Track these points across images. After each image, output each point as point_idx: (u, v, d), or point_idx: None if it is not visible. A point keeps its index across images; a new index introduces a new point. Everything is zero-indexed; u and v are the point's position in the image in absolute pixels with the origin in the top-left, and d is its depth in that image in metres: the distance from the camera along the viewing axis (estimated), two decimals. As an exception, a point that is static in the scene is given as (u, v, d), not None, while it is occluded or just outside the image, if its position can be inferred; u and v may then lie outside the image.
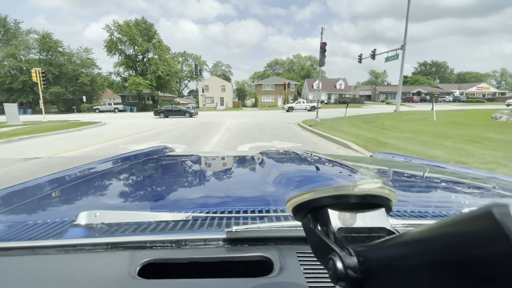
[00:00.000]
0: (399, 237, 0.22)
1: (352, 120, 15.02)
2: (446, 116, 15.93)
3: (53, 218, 0.62)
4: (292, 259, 0.45)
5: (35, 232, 0.55)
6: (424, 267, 0.18)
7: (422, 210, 0.67)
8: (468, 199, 0.81)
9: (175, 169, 1.20)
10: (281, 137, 8.65)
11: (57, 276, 0.41)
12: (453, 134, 7.60)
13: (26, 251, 0.46)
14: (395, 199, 0.30)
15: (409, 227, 0.51)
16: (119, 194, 0.83)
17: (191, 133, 10.38)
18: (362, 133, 8.44)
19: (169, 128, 13.33)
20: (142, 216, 0.59)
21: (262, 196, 0.78)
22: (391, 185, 0.84)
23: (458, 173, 1.16)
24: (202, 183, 0.96)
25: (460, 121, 12.30)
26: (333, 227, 0.29)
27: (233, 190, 0.87)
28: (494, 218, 0.14)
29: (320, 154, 1.41)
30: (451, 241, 0.17)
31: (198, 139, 8.52)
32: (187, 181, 1.00)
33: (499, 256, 0.14)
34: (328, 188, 0.29)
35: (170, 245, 0.48)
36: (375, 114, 20.31)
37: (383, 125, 11.05)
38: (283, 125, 13.37)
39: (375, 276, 0.22)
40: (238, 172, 1.14)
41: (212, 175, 1.09)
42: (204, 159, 1.39)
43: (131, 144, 7.64)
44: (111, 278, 0.41)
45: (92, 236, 0.51)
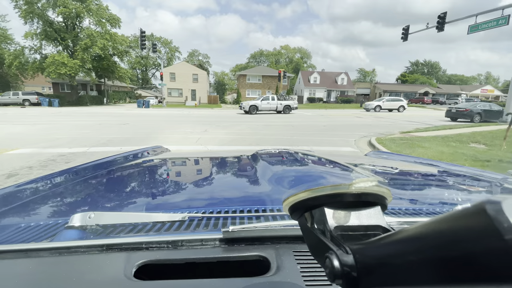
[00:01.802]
0: (395, 234, 0.22)
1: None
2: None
3: (46, 220, 0.61)
4: (289, 258, 0.45)
5: (28, 234, 0.54)
6: (419, 263, 0.18)
7: (416, 208, 0.69)
8: (461, 196, 0.83)
9: (171, 170, 1.17)
10: None
11: (52, 279, 0.40)
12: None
13: (19, 254, 0.45)
14: (390, 197, 0.30)
15: (404, 224, 0.51)
16: (114, 195, 0.82)
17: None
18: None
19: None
20: (137, 217, 0.58)
21: (258, 196, 0.77)
22: (386, 184, 0.84)
23: (451, 171, 1.17)
24: (198, 183, 0.95)
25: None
26: (330, 226, 0.29)
27: (229, 190, 0.86)
28: (487, 214, 0.15)
29: (316, 154, 1.41)
30: (445, 238, 0.17)
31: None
32: (183, 181, 0.99)
33: (492, 251, 0.14)
34: (325, 187, 0.29)
35: (167, 246, 0.47)
36: (473, 131, 10.11)
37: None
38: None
39: (372, 274, 0.22)
40: (234, 172, 1.12)
41: (208, 175, 1.08)
42: (200, 160, 1.37)
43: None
44: (106, 280, 0.40)
45: (87, 238, 0.50)
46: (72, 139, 7.01)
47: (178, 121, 12.72)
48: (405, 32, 16.88)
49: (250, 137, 7.91)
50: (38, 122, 10.92)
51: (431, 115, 19.87)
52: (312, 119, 15.03)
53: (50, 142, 6.57)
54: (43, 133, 7.98)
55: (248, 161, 1.20)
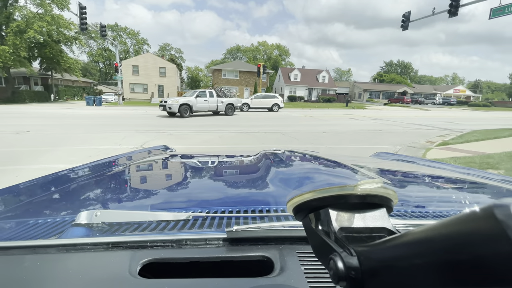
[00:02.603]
0: (400, 237, 0.22)
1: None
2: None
3: (54, 217, 0.62)
4: (292, 259, 0.45)
5: (36, 231, 0.55)
6: (425, 267, 0.18)
7: (423, 210, 0.68)
8: (469, 199, 0.81)
9: (176, 169, 1.19)
10: None
11: (58, 275, 0.41)
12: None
13: (27, 250, 0.46)
14: (396, 199, 0.30)
15: (410, 227, 0.51)
16: (120, 193, 0.83)
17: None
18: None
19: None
20: (142, 216, 0.58)
21: (262, 196, 0.77)
22: (392, 185, 0.83)
23: (458, 173, 1.16)
24: (202, 183, 0.96)
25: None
26: (334, 227, 0.29)
27: (234, 190, 0.86)
28: (495, 218, 0.14)
29: (321, 154, 1.40)
30: (452, 241, 0.16)
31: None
32: (188, 181, 1.00)
33: (501, 256, 0.14)
34: (329, 188, 0.28)
35: (171, 245, 0.47)
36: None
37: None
38: None
39: (376, 276, 0.22)
40: (238, 172, 1.12)
41: (213, 175, 1.09)
42: (205, 159, 1.37)
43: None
44: (112, 278, 0.40)
45: (93, 236, 0.51)
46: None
47: (109, 126, 8.94)
48: (405, 19, 14.42)
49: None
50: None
51: (427, 116, 17.77)
52: (303, 122, 11.93)
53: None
54: None
55: (252, 161, 1.19)
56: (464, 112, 25.18)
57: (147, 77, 33.21)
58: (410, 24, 14.37)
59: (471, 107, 36.21)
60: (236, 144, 6.37)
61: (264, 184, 0.86)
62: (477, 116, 19.62)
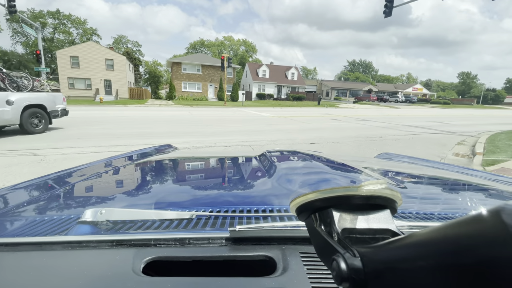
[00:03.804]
0: (405, 238, 0.22)
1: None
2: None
3: (60, 215, 0.63)
4: (295, 259, 0.45)
5: (42, 228, 0.56)
6: (430, 269, 0.18)
7: (427, 212, 0.67)
8: (474, 201, 0.80)
9: (180, 168, 1.19)
10: None
11: (63, 271, 0.42)
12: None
13: (33, 247, 0.47)
14: (400, 200, 0.29)
15: (415, 229, 0.51)
16: (124, 192, 0.84)
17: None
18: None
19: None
20: (146, 214, 0.59)
21: (265, 196, 0.77)
22: (396, 186, 0.83)
23: (464, 175, 1.14)
24: (206, 182, 0.95)
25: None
26: (337, 228, 0.28)
27: (237, 190, 0.86)
28: (502, 221, 0.14)
29: (324, 154, 1.39)
30: (457, 244, 0.16)
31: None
32: (191, 180, 0.99)
33: (507, 259, 0.13)
34: (333, 189, 0.28)
35: (174, 243, 0.48)
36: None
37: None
38: None
39: (379, 278, 0.22)
40: (242, 172, 1.12)
41: (216, 174, 1.09)
42: (208, 159, 1.36)
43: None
44: (115, 275, 0.41)
45: (98, 233, 0.52)
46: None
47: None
48: (388, 4, 12.61)
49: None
50: None
51: (405, 115, 16.47)
52: (278, 126, 9.29)
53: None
54: None
55: (256, 161, 1.19)
56: (434, 109, 24.97)
57: (90, 71, 27.88)
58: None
59: (433, 105, 37.22)
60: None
61: (267, 184, 0.86)
62: (451, 113, 19.02)
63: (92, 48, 28.29)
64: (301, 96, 36.23)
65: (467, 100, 54.99)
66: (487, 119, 15.59)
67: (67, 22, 52.10)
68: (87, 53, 27.69)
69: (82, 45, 28.56)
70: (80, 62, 27.50)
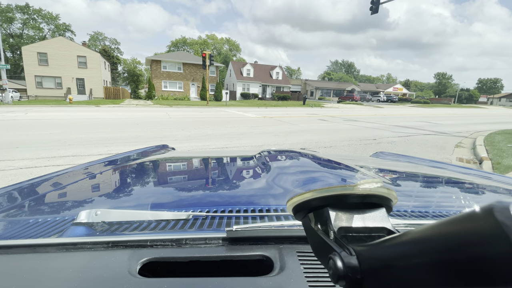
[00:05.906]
0: (400, 236, 0.22)
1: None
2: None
3: (54, 216, 0.62)
4: (292, 258, 0.45)
5: (36, 230, 0.55)
6: (424, 266, 0.18)
7: (422, 210, 0.68)
8: (468, 199, 0.82)
9: (176, 168, 1.18)
10: None
11: (58, 274, 0.41)
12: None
13: (27, 249, 0.46)
14: (396, 199, 0.30)
15: (410, 227, 0.51)
16: (120, 193, 0.83)
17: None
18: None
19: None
20: (142, 215, 0.58)
21: (262, 196, 0.77)
22: (391, 185, 0.84)
23: (458, 173, 1.15)
24: (202, 182, 0.95)
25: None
26: (334, 227, 0.29)
27: (234, 190, 0.86)
28: (495, 218, 0.14)
29: (321, 154, 1.39)
30: (451, 241, 0.16)
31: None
32: (188, 180, 0.99)
33: (500, 256, 0.14)
34: (329, 188, 0.28)
35: (171, 244, 0.47)
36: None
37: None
38: None
39: (376, 276, 0.22)
40: (238, 171, 1.11)
41: (213, 174, 1.09)
42: (205, 159, 1.36)
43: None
44: (111, 277, 0.40)
45: (93, 235, 0.51)
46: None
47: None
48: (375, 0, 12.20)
49: None
50: None
51: (390, 114, 16.26)
52: (264, 129, 8.53)
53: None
54: None
55: (253, 161, 1.18)
56: (416, 109, 25.19)
57: (60, 68, 25.87)
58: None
59: (414, 104, 38.00)
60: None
61: (264, 184, 0.85)
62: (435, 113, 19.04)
63: (62, 44, 26.25)
64: (286, 95, 35.72)
65: (445, 99, 57.03)
66: (471, 118, 15.66)
67: (37, 17, 48.76)
68: (56, 50, 25.65)
69: (51, 41, 26.36)
70: (49, 59, 25.43)
